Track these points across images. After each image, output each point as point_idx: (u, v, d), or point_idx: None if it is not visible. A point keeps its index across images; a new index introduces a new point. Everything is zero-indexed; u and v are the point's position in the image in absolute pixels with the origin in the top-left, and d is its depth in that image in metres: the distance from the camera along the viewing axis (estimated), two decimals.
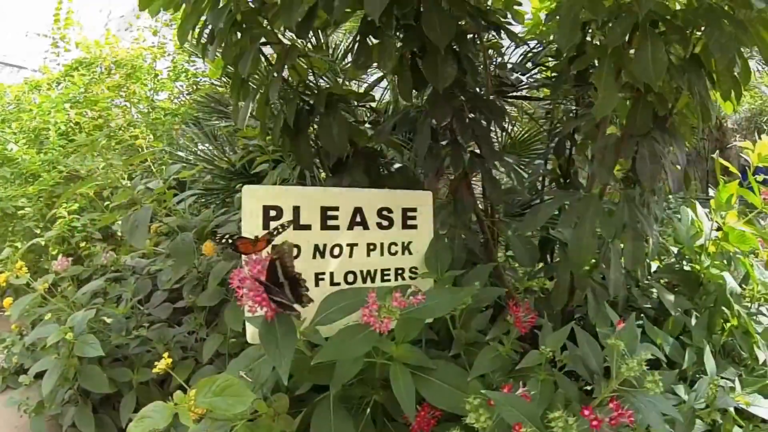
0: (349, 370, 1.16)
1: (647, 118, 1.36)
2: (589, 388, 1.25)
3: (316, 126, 1.59)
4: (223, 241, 1.05)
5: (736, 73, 1.49)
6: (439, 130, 1.48)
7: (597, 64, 1.34)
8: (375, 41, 1.40)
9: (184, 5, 1.58)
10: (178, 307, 1.94)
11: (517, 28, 2.35)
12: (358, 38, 1.41)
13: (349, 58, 1.67)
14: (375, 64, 1.42)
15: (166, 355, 1.18)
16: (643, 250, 1.42)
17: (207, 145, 2.34)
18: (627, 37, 1.34)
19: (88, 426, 1.58)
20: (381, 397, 1.28)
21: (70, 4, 3.03)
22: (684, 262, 1.86)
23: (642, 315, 1.70)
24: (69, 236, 2.01)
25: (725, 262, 1.77)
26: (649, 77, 1.23)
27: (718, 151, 4.28)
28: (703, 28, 1.37)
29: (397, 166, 1.67)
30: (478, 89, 1.63)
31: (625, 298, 1.68)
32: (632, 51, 1.34)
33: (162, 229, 1.74)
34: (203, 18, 1.58)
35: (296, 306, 1.04)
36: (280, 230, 1.11)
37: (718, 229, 1.80)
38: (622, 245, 1.47)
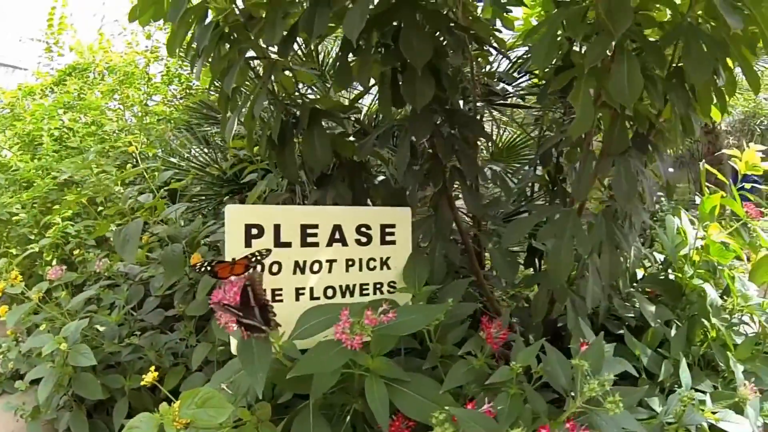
0: (327, 382, 1.26)
1: (624, 137, 1.43)
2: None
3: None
4: (202, 268, 1.15)
5: (720, 86, 1.56)
6: (419, 146, 1.56)
7: (575, 83, 1.41)
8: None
9: None
10: (170, 314, 2.05)
11: (517, 31, 2.44)
12: (339, 56, 1.50)
13: None
14: None
15: (152, 368, 1.29)
16: (619, 264, 1.50)
17: (199, 151, 2.44)
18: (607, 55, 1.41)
19: (82, 430, 1.70)
20: (360, 406, 1.38)
21: (63, 9, 3.13)
22: (669, 271, 1.94)
23: (624, 325, 1.79)
24: (63, 243, 2.12)
25: (710, 271, 1.85)
26: (624, 98, 1.29)
27: (711, 155, 4.32)
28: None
29: (381, 178, 1.75)
30: (461, 102, 1.72)
31: (606, 308, 1.77)
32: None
33: (153, 239, 1.84)
34: (191, 32, 1.67)
35: (264, 328, 1.13)
36: (258, 257, 1.20)
37: (704, 238, 1.88)
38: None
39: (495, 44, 1.89)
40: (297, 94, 1.82)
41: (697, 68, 1.31)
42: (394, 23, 1.45)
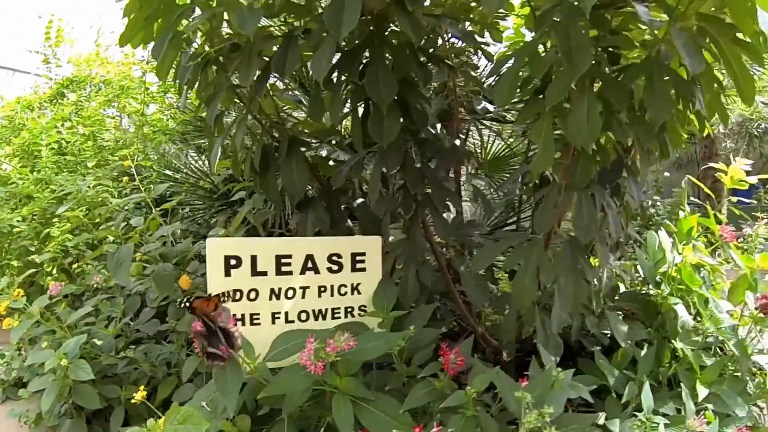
0: (298, 399, 1.50)
1: (587, 172, 1.57)
2: None
3: None
4: (183, 304, 1.38)
5: (700, 109, 1.70)
6: (389, 176, 1.77)
7: (538, 119, 1.57)
8: None
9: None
10: (164, 327, 2.31)
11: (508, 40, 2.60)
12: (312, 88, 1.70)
13: None
14: None
15: (142, 388, 1.54)
16: (584, 292, 1.68)
17: (193, 165, 2.67)
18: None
19: None
20: (333, 419, 1.62)
21: (60, 23, 3.38)
22: (650, 286, 2.11)
23: (598, 343, 1.98)
24: (62, 257, 2.39)
25: (686, 290, 2.01)
26: (582, 140, 1.42)
27: (708, 158, 4.39)
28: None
29: (360, 200, 1.96)
30: (438, 127, 1.91)
31: (578, 327, 1.96)
32: None
33: (147, 256, 2.09)
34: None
35: (225, 358, 1.36)
36: (226, 299, 1.43)
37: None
38: None
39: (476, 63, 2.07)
40: (282, 115, 2.03)
41: (658, 108, 1.41)
42: (363, 60, 1.64)
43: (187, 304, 1.34)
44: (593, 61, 1.47)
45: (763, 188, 2.76)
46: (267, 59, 1.72)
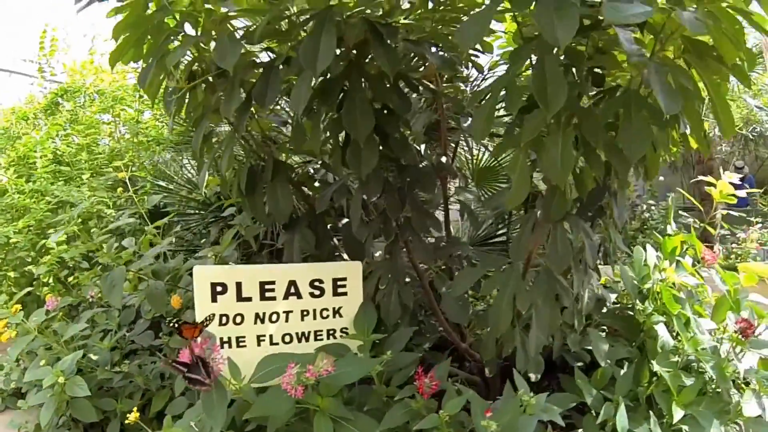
0: (282, 418, 1.67)
1: (562, 205, 1.68)
2: None
3: None
4: (171, 325, 1.56)
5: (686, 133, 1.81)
6: (370, 202, 1.92)
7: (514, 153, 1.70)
8: None
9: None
10: (160, 335, 2.50)
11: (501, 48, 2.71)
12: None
13: None
14: None
15: (135, 410, 1.72)
16: (558, 318, 1.83)
17: (186, 176, 2.83)
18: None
19: None
20: None
21: (54, 32, 3.54)
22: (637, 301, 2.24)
23: (579, 360, 2.13)
24: (59, 269, 2.58)
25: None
26: (555, 176, 1.51)
27: (703, 162, 4.47)
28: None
29: (345, 221, 2.11)
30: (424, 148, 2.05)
31: (559, 346, 2.11)
32: None
33: (140, 272, 2.26)
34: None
35: (207, 382, 1.54)
36: (207, 323, 1.60)
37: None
38: None
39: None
40: (270, 133, 2.17)
41: (633, 145, 1.47)
42: (341, 91, 1.78)
43: (176, 325, 1.52)
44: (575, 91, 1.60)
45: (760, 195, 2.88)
46: (251, 84, 1.87)
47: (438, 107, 2.22)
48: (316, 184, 2.13)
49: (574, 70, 1.71)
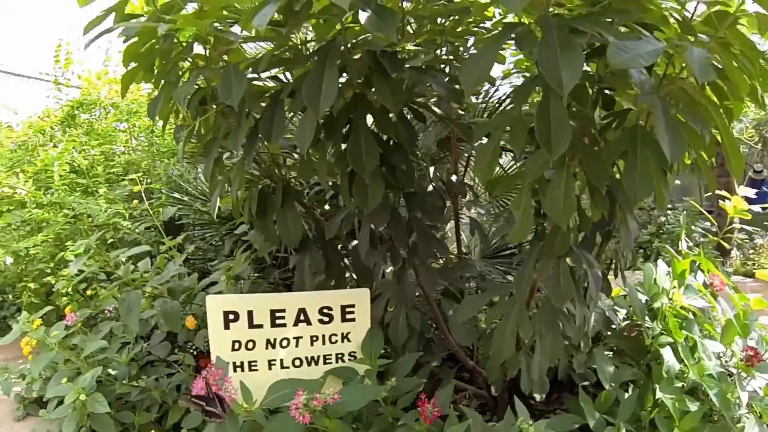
0: None
1: (565, 242, 1.78)
2: None
3: None
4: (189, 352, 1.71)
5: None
6: (377, 231, 2.04)
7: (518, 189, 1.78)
8: None
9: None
10: (176, 346, 2.67)
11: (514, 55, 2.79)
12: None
13: None
14: None
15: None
16: (561, 346, 1.94)
17: (200, 186, 2.98)
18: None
19: None
20: None
21: (68, 45, 3.71)
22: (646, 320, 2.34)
23: (585, 381, 2.24)
24: (77, 283, 2.76)
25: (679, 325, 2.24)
26: (558, 217, 1.56)
27: (720, 165, 4.46)
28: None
29: (354, 242, 2.24)
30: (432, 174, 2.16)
31: (565, 366, 2.22)
32: None
33: (155, 291, 2.43)
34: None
35: (222, 415, 1.69)
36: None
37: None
38: None
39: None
40: (281, 154, 2.30)
41: (637, 187, 1.50)
42: (347, 122, 1.88)
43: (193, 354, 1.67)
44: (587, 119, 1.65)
45: None
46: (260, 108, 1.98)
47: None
48: (326, 206, 2.25)
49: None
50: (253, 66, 1.90)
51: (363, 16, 1.48)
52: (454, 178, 2.37)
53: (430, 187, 2.19)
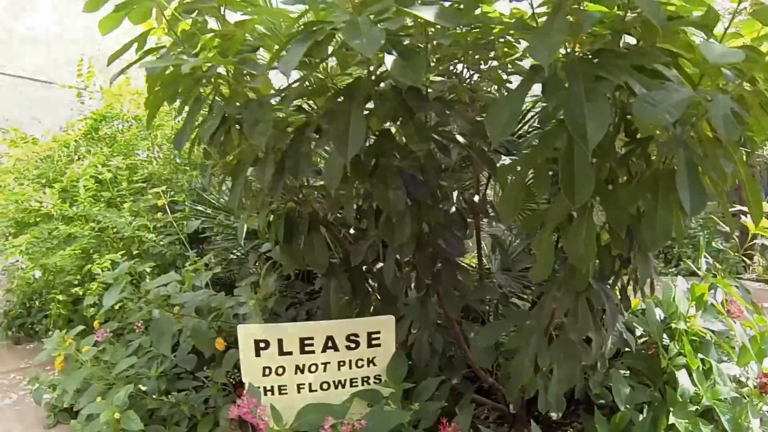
0: None
1: (583, 280, 1.90)
2: None
3: None
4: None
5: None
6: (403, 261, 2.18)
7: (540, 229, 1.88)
8: None
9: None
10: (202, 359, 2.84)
11: None
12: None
13: None
14: None
15: None
16: (578, 373, 2.08)
17: (223, 200, 3.12)
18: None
19: None
20: None
21: (89, 59, 3.84)
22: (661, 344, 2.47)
23: (601, 400, 2.38)
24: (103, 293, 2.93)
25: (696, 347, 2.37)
26: (578, 261, 1.67)
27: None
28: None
29: (379, 265, 2.38)
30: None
31: (582, 386, 2.36)
32: None
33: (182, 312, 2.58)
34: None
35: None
36: None
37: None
38: None
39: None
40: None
41: (656, 236, 1.59)
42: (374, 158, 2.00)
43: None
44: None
45: None
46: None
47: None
48: (352, 230, 2.39)
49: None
50: (283, 101, 1.98)
51: (389, 60, 1.55)
52: (476, 198, 2.50)
53: (453, 209, 2.32)
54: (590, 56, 1.61)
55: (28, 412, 3.05)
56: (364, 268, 2.44)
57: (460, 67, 2.19)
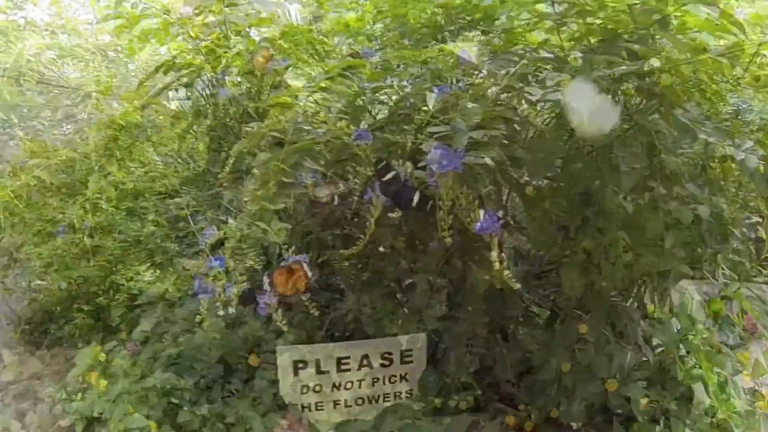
0: None
1: (608, 301, 2.10)
2: None
3: None
4: None
5: None
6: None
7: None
8: None
9: None
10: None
11: None
12: None
13: None
14: None
15: None
16: (599, 387, 2.26)
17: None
18: None
19: None
20: None
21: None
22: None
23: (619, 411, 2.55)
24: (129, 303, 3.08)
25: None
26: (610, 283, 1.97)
27: None
28: None
29: (408, 281, 2.53)
30: None
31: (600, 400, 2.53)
32: None
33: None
34: None
35: None
36: None
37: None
38: None
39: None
40: None
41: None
42: None
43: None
44: None
45: None
46: None
47: None
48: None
49: None
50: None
51: None
52: (500, 213, 2.64)
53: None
54: None
55: (51, 419, 3.18)
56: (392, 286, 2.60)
57: None
